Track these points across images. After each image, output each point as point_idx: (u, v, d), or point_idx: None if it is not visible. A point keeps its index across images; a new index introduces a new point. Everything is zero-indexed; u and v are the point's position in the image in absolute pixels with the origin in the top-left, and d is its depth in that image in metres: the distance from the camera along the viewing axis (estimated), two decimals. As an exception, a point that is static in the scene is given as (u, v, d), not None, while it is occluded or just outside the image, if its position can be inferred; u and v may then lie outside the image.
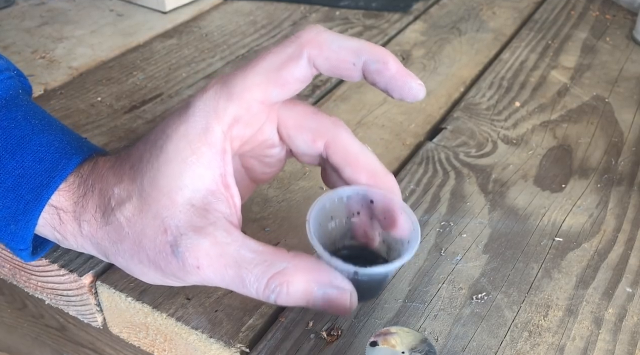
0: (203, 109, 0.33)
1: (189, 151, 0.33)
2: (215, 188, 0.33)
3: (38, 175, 0.35)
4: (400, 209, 0.35)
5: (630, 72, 0.64)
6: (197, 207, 0.33)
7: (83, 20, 0.72)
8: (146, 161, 0.34)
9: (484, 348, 0.36)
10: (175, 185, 0.32)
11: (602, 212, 0.46)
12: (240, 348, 0.36)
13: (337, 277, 0.33)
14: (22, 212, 0.35)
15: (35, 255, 0.39)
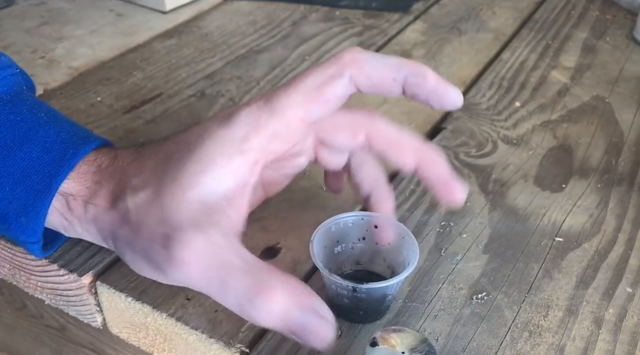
0: (245, 120, 0.34)
1: (220, 154, 0.33)
2: (232, 195, 0.33)
3: (47, 166, 0.35)
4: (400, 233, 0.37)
5: (631, 72, 0.64)
6: (206, 206, 0.32)
7: (83, 20, 0.72)
8: (173, 157, 0.34)
9: (484, 348, 0.36)
10: (193, 182, 0.32)
11: (603, 212, 0.46)
12: (240, 348, 0.36)
13: (322, 306, 0.31)
14: (32, 203, 0.35)
15: (46, 251, 0.39)
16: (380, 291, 0.35)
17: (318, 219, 0.43)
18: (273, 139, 0.34)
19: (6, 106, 0.37)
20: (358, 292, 0.34)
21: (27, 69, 0.61)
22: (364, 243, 0.39)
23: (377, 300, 0.36)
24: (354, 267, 0.40)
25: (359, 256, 0.39)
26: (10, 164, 0.35)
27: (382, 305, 0.37)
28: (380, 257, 0.39)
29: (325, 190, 0.47)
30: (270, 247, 0.42)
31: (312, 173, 0.49)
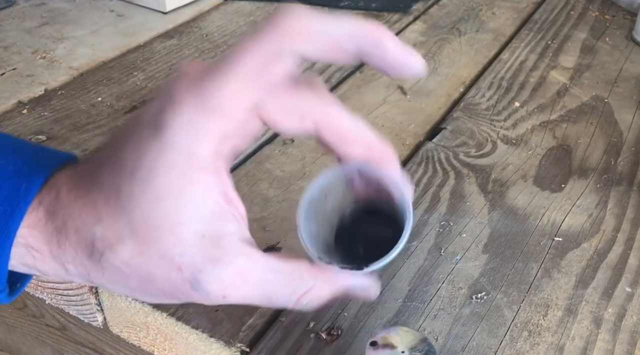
0: (180, 129, 0.28)
1: (180, 183, 0.29)
2: (219, 210, 0.30)
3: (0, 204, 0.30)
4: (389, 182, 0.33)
5: (630, 72, 0.65)
6: (209, 237, 0.30)
7: (83, 21, 0.72)
8: (127, 197, 0.29)
9: (484, 347, 0.36)
10: (177, 221, 0.29)
11: (602, 212, 0.46)
12: (240, 348, 0.36)
13: (358, 278, 0.32)
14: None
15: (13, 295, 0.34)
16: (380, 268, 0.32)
17: (318, 218, 0.43)
18: (224, 141, 0.29)
19: None
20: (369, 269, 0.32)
21: (28, 69, 0.62)
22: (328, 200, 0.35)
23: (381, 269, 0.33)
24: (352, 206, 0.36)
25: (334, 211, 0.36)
26: None
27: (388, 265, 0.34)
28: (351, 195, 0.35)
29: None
30: (270, 246, 0.42)
31: (312, 173, 0.49)
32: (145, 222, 0.29)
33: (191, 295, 0.30)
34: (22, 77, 0.61)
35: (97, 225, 0.30)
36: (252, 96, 0.29)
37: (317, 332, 0.37)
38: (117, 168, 0.30)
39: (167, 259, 0.29)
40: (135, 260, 0.30)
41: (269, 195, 0.47)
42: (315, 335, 0.36)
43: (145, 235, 0.29)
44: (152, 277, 0.30)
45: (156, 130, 0.29)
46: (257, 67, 0.28)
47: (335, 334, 0.36)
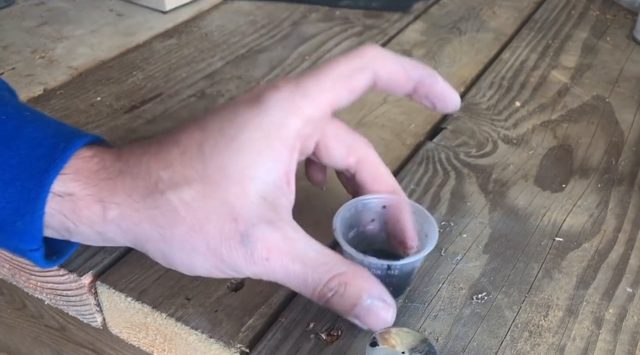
0: (279, 104, 0.33)
1: (263, 144, 0.33)
2: (281, 184, 0.34)
3: (37, 162, 0.33)
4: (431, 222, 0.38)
5: (631, 72, 0.64)
6: (269, 201, 0.33)
7: (83, 20, 0.72)
8: (210, 148, 0.32)
9: (484, 348, 0.36)
10: (248, 176, 0.32)
11: (603, 212, 0.46)
12: (240, 348, 0.36)
13: (386, 292, 0.34)
14: (25, 204, 0.32)
15: (50, 261, 0.37)
16: (411, 266, 0.36)
17: (318, 219, 0.43)
18: (307, 124, 0.34)
19: None
20: (392, 270, 0.36)
21: (27, 69, 0.62)
22: (373, 225, 0.40)
23: (406, 275, 0.37)
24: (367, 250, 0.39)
25: (370, 238, 0.40)
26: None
27: (409, 280, 0.38)
28: (391, 236, 0.40)
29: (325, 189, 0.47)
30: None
31: (312, 173, 0.49)
32: (220, 170, 0.32)
33: (237, 250, 0.32)
34: (21, 77, 0.61)
35: (166, 170, 0.33)
36: (336, 93, 0.35)
37: (317, 333, 0.36)
38: (203, 128, 0.34)
39: (227, 208, 0.32)
40: (197, 203, 0.32)
41: (269, 195, 0.46)
42: (315, 335, 0.36)
43: (216, 181, 0.32)
44: (206, 223, 0.32)
45: (255, 102, 0.34)
46: (345, 74, 0.35)
47: (335, 334, 0.36)
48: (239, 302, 0.38)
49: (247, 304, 0.38)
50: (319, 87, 0.34)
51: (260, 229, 0.32)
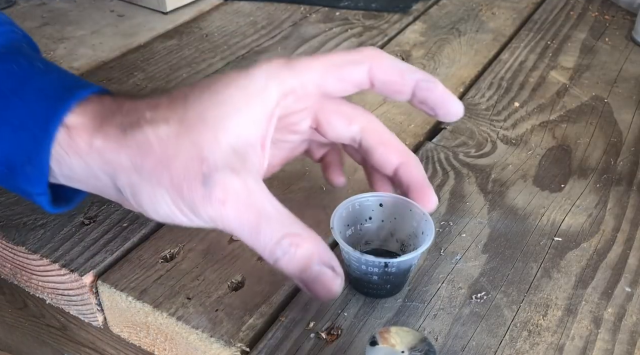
0: (266, 72, 0.35)
1: (243, 102, 0.34)
2: (255, 143, 0.35)
3: (44, 110, 0.35)
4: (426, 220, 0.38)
5: (629, 72, 0.65)
6: (237, 152, 0.34)
7: (84, 21, 0.72)
8: (194, 98, 0.34)
9: (484, 347, 0.36)
10: (223, 126, 0.34)
11: (601, 212, 0.46)
12: (240, 347, 0.36)
13: (337, 261, 0.34)
14: (33, 149, 0.35)
15: (58, 207, 0.38)
16: (408, 263, 0.37)
17: (318, 218, 0.43)
18: (289, 94, 0.36)
19: (3, 56, 0.37)
20: (389, 267, 0.36)
21: (28, 70, 0.62)
22: (370, 223, 0.40)
23: (403, 273, 0.38)
24: (364, 248, 0.41)
25: (366, 236, 0.41)
26: (9, 113, 0.35)
27: (406, 277, 0.39)
28: (388, 234, 0.40)
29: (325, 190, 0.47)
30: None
31: (312, 173, 0.49)
32: (198, 116, 0.34)
33: (196, 189, 0.33)
34: (23, 78, 0.61)
35: (151, 111, 0.34)
36: (325, 77, 0.36)
37: (317, 332, 0.37)
38: (193, 85, 0.36)
39: (196, 149, 0.33)
40: (170, 139, 0.33)
41: (269, 195, 0.47)
42: (315, 335, 0.36)
43: (192, 125, 0.34)
44: (173, 158, 0.33)
45: (243, 69, 0.36)
46: (337, 62, 0.37)
47: (335, 333, 0.37)
48: (239, 301, 0.38)
49: (247, 303, 0.38)
50: (308, 66, 0.36)
51: (223, 173, 0.33)
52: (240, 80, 0.35)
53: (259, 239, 0.33)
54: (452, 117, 0.38)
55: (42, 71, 0.37)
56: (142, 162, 0.33)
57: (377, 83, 0.37)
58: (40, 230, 0.43)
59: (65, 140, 0.34)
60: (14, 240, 0.42)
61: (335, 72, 0.37)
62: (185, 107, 0.34)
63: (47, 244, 0.42)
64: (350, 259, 0.37)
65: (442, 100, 0.37)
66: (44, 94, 0.35)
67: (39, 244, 0.42)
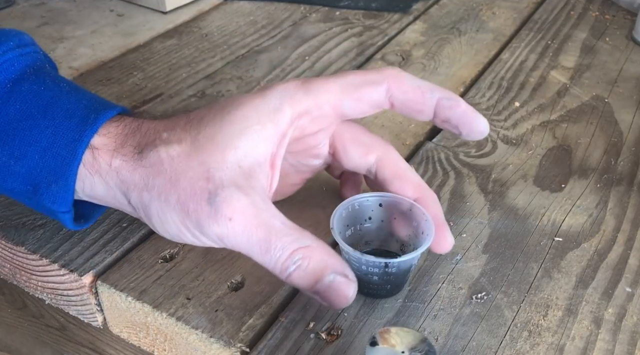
0: (280, 93, 0.36)
1: (254, 121, 0.35)
2: (263, 162, 0.35)
3: (70, 131, 0.35)
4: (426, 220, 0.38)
5: (630, 72, 0.65)
6: (244, 170, 0.34)
7: (83, 21, 0.72)
8: (208, 120, 0.35)
9: (484, 348, 0.36)
10: (231, 144, 0.34)
11: (602, 212, 0.46)
12: (240, 348, 0.36)
13: (348, 268, 0.34)
14: (60, 170, 0.35)
15: (78, 224, 0.39)
16: (408, 263, 0.37)
17: (318, 219, 0.43)
18: (303, 115, 0.36)
19: (30, 77, 0.37)
20: (389, 267, 0.36)
21: (28, 69, 0.62)
22: (370, 223, 0.40)
23: (404, 273, 0.38)
24: (363, 248, 0.41)
25: (366, 236, 0.41)
26: (36, 133, 0.35)
27: (406, 277, 0.39)
28: (387, 234, 0.40)
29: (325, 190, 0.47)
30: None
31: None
32: (210, 137, 0.34)
33: (202, 207, 0.33)
34: (22, 77, 0.61)
35: (168, 132, 0.36)
36: (342, 98, 0.36)
37: (317, 332, 0.37)
38: (210, 106, 0.37)
39: (204, 168, 0.34)
40: (180, 159, 0.34)
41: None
42: (315, 335, 0.36)
43: (203, 145, 0.34)
44: (181, 176, 0.34)
45: (260, 91, 0.36)
46: (355, 83, 0.37)
47: (335, 334, 0.36)
48: (239, 301, 0.38)
49: (247, 304, 0.38)
50: (324, 87, 0.36)
51: (229, 191, 0.33)
52: (254, 101, 0.36)
53: (269, 255, 0.33)
54: (477, 135, 0.38)
55: (67, 91, 0.37)
56: (153, 181, 0.34)
57: (396, 103, 0.37)
58: (39, 231, 0.43)
59: (89, 162, 0.35)
60: (13, 240, 0.42)
61: (352, 93, 0.37)
62: (199, 128, 0.35)
63: (47, 244, 0.42)
64: (350, 260, 0.37)
65: (465, 118, 0.37)
66: (70, 114, 0.36)
67: (38, 244, 0.42)
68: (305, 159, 0.40)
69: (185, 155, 0.34)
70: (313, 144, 0.39)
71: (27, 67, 0.38)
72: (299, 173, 0.41)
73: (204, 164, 0.34)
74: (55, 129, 0.35)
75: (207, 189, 0.33)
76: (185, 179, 0.34)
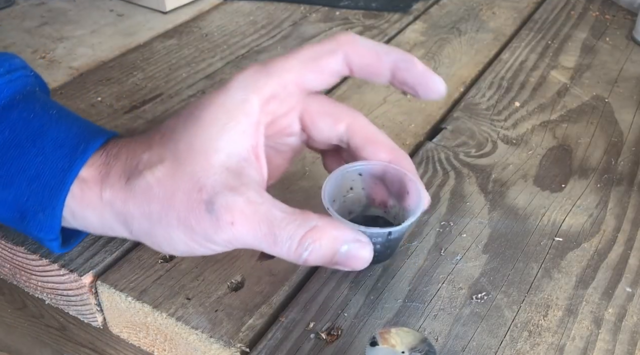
0: (242, 83, 0.35)
1: (226, 118, 0.34)
2: (247, 156, 0.35)
3: (59, 161, 0.35)
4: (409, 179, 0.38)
5: (630, 72, 0.65)
6: (232, 170, 0.34)
7: (83, 21, 0.72)
8: (180, 129, 0.35)
9: (484, 348, 0.36)
10: (212, 148, 0.34)
11: (602, 212, 0.46)
12: (240, 348, 0.36)
13: (358, 232, 0.35)
14: (47, 199, 0.35)
15: (65, 247, 0.39)
16: (408, 228, 0.38)
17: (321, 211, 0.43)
18: (271, 100, 0.36)
19: (19, 104, 0.37)
20: (392, 234, 0.37)
21: (28, 69, 0.62)
22: (352, 192, 0.41)
23: (402, 237, 0.40)
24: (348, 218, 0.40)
25: (350, 206, 0.41)
26: (24, 161, 0.35)
27: (401, 241, 0.41)
28: (370, 200, 0.41)
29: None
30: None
31: (312, 173, 0.49)
32: (188, 147, 0.34)
33: (204, 218, 0.33)
34: (22, 77, 0.61)
35: (146, 152, 0.35)
36: (303, 73, 0.36)
37: (317, 332, 0.36)
38: (178, 115, 0.36)
39: (193, 179, 0.33)
40: (167, 178, 0.34)
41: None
42: (315, 335, 0.36)
43: (184, 157, 0.34)
44: (174, 196, 0.34)
45: (221, 86, 0.36)
46: (312, 56, 0.36)
47: (335, 334, 0.36)
48: (239, 301, 0.38)
49: (247, 304, 0.38)
50: (284, 66, 0.36)
51: (222, 195, 0.33)
52: (220, 99, 0.35)
53: (279, 246, 0.33)
54: (434, 95, 0.37)
55: (57, 119, 0.37)
56: (149, 208, 0.34)
57: (354, 68, 0.37)
58: (39, 230, 0.43)
59: (78, 196, 0.35)
60: (13, 240, 0.42)
61: (312, 66, 0.36)
62: (175, 140, 0.35)
63: (47, 244, 0.42)
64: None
65: (421, 78, 0.37)
66: (60, 144, 0.36)
67: (38, 244, 0.42)
68: (281, 138, 0.39)
69: (171, 174, 0.34)
70: (285, 124, 0.38)
71: (17, 93, 0.37)
72: (280, 154, 0.41)
73: (192, 175, 0.33)
74: (44, 157, 0.35)
75: (202, 200, 0.33)
76: (178, 196, 0.33)
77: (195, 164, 0.34)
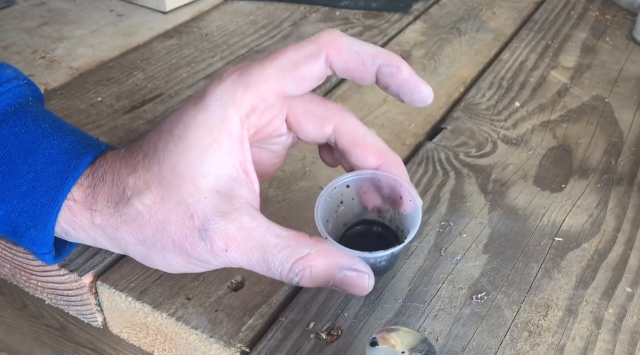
0: (221, 97, 0.34)
1: (209, 139, 0.33)
2: (237, 175, 0.34)
3: (51, 178, 0.35)
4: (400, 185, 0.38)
5: (630, 72, 0.65)
6: (222, 194, 0.33)
7: (83, 21, 0.72)
8: (162, 149, 0.34)
9: (484, 348, 0.36)
10: (198, 173, 0.33)
11: (602, 212, 0.46)
12: (240, 348, 0.36)
13: (357, 261, 0.34)
14: (39, 215, 0.35)
15: (58, 257, 0.39)
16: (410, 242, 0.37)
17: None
18: (251, 114, 0.35)
19: (10, 119, 0.37)
20: (396, 251, 0.36)
21: (28, 69, 0.62)
22: (343, 206, 0.40)
23: (404, 250, 0.40)
24: (342, 230, 0.40)
25: (343, 219, 0.41)
26: (16, 177, 0.35)
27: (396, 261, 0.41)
28: (361, 208, 0.40)
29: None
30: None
31: (312, 173, 0.49)
32: (172, 171, 0.33)
33: (198, 245, 0.33)
34: (22, 77, 0.61)
35: (131, 176, 0.34)
36: (283, 83, 0.34)
37: (317, 332, 0.36)
38: (159, 131, 0.35)
39: (183, 206, 0.33)
40: (157, 205, 0.33)
41: (269, 196, 0.46)
42: (315, 335, 0.36)
43: (170, 182, 0.33)
44: (167, 223, 0.33)
45: (199, 98, 0.34)
46: (292, 62, 0.34)
47: (335, 334, 0.36)
48: (239, 301, 0.38)
49: (247, 304, 0.38)
50: (262, 76, 0.34)
51: (215, 222, 0.33)
52: (198, 116, 0.34)
53: (272, 271, 0.33)
54: (418, 103, 0.36)
55: (49, 133, 0.37)
56: (142, 234, 0.34)
57: (337, 71, 0.35)
58: (39, 231, 0.43)
59: (69, 218, 0.35)
60: (13, 240, 0.42)
61: (292, 74, 0.35)
62: (159, 163, 0.34)
63: (47, 244, 0.42)
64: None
65: (406, 87, 0.35)
66: (52, 160, 0.36)
67: (38, 244, 0.42)
68: (270, 140, 0.38)
69: (159, 200, 0.33)
70: (271, 129, 0.37)
71: (8, 106, 0.37)
72: (273, 153, 0.40)
73: (182, 202, 0.33)
74: (36, 174, 0.35)
75: (195, 227, 0.33)
76: (170, 224, 0.33)
77: (182, 190, 0.33)
